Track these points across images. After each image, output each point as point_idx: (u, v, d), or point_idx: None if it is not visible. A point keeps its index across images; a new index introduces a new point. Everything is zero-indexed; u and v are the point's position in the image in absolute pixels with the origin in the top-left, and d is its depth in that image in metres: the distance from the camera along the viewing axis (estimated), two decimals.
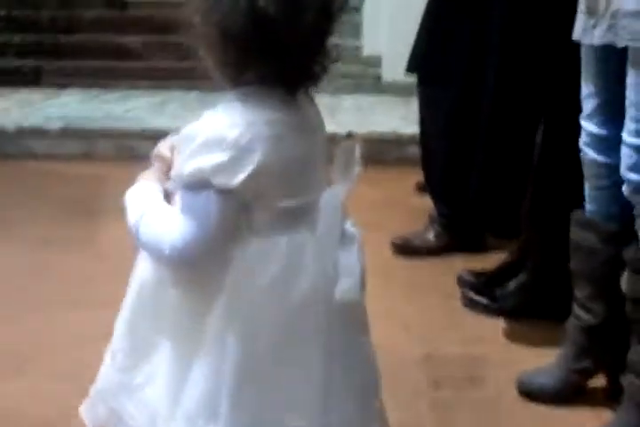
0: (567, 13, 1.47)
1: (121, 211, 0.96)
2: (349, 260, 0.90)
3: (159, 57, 4.88)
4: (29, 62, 4.80)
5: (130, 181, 0.99)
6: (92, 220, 2.55)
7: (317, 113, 0.96)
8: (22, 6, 5.33)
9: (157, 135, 3.52)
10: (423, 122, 2.28)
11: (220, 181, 0.81)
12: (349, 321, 0.95)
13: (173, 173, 0.87)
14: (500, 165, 1.93)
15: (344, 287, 0.89)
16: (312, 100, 0.94)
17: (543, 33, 1.72)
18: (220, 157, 0.80)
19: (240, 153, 0.81)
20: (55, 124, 3.60)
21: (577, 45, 1.44)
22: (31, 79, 4.72)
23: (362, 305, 0.96)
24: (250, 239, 0.87)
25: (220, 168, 0.81)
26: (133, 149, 3.44)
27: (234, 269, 0.87)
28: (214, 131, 0.83)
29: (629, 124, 1.27)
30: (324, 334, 0.91)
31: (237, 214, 0.85)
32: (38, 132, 3.59)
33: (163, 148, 0.97)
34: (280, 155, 0.84)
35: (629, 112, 1.27)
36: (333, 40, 0.88)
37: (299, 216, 0.89)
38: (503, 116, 1.87)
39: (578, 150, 1.53)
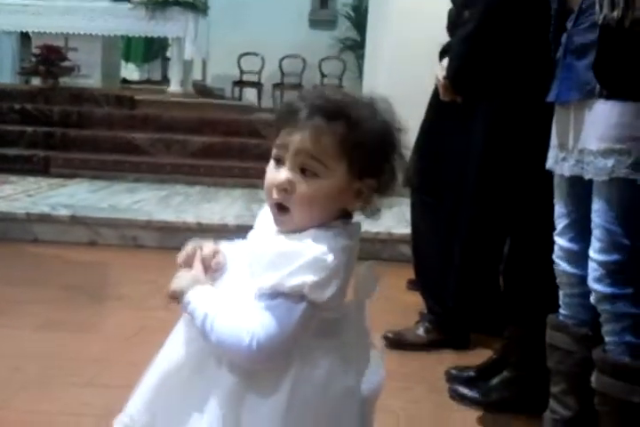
0: (539, 142, 1.67)
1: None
2: (375, 360, 1.05)
3: (164, 153, 5.16)
4: (39, 152, 5.07)
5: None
6: (95, 304, 2.61)
7: None
8: (35, 101, 5.66)
9: (162, 226, 3.73)
10: (417, 227, 2.47)
11: (314, 296, 0.91)
12: (369, 415, 1.07)
13: (264, 283, 0.92)
14: (474, 270, 2.11)
15: (372, 386, 1.02)
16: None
17: (518, 159, 1.90)
18: (320, 276, 0.91)
19: (332, 274, 0.92)
20: (62, 212, 3.75)
21: (548, 172, 1.63)
22: (40, 168, 4.95)
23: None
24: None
25: (317, 285, 0.91)
26: (137, 238, 3.66)
27: (296, 363, 0.96)
28: (316, 253, 0.91)
29: (595, 243, 1.45)
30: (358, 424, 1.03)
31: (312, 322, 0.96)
32: (46, 219, 3.72)
33: (207, 250, 1.02)
34: (347, 276, 0.98)
35: (595, 233, 1.45)
36: None
37: (333, 326, 1.01)
38: (478, 223, 2.04)
39: (541, 260, 1.70)
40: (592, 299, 1.48)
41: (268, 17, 8.49)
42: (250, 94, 8.34)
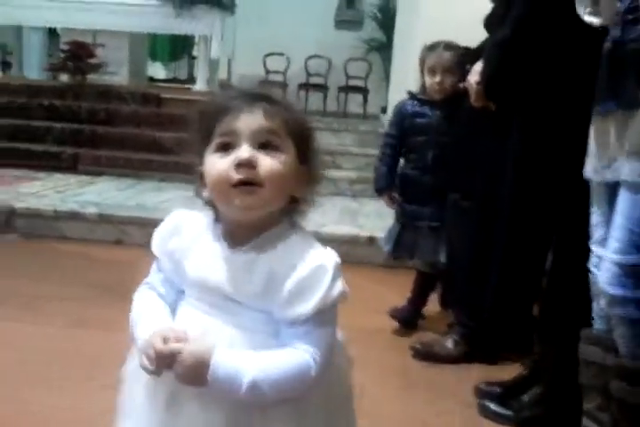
0: (577, 150, 1.63)
1: None
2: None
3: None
4: (67, 149, 5.11)
5: None
6: (120, 302, 2.64)
7: None
8: (64, 97, 5.70)
9: None
10: (451, 234, 2.45)
11: (344, 296, 0.92)
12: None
13: (305, 310, 0.89)
14: (511, 287, 2.06)
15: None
16: None
17: (555, 168, 1.86)
18: (341, 275, 0.92)
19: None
20: (90, 210, 3.78)
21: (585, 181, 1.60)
22: (68, 165, 4.99)
23: None
24: None
25: (345, 286, 0.92)
26: None
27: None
28: (330, 258, 0.91)
29: (613, 243, 1.44)
30: None
31: None
32: (74, 217, 3.75)
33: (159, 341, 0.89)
34: None
35: (614, 234, 1.44)
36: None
37: None
38: (516, 237, 2.00)
39: (585, 273, 1.67)
40: (602, 302, 1.48)
41: (294, 16, 8.50)
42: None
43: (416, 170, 2.62)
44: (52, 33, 7.49)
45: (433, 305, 2.81)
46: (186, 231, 0.99)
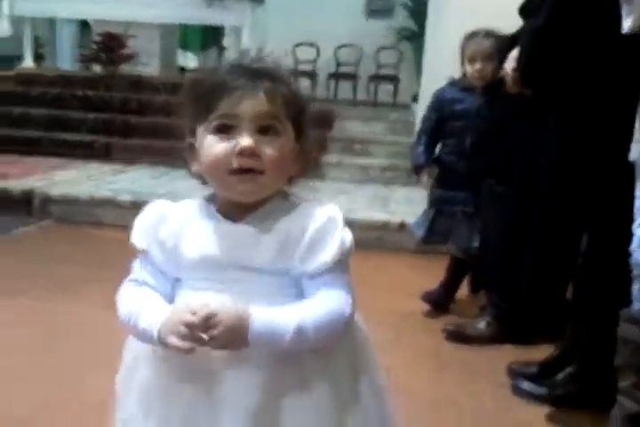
0: (616, 133, 1.65)
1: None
2: None
3: None
4: (101, 138, 5.18)
5: None
6: None
7: None
8: (96, 88, 5.78)
9: None
10: (485, 219, 2.44)
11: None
12: None
13: (326, 259, 0.90)
14: (546, 270, 2.04)
15: None
16: None
17: (594, 152, 1.85)
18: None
19: None
20: (124, 197, 3.84)
21: (625, 161, 1.59)
22: (101, 154, 5.07)
23: None
24: None
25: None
26: None
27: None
28: (339, 211, 0.95)
29: None
30: None
31: None
32: (108, 203, 3.83)
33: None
34: None
35: None
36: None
37: None
38: (552, 221, 1.99)
39: (620, 255, 1.67)
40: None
41: (324, 6, 8.46)
42: (304, 85, 8.34)
43: (452, 155, 2.62)
44: (84, 25, 7.57)
45: (463, 291, 2.80)
46: (171, 219, 0.97)
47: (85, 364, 2.02)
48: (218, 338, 0.84)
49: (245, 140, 0.89)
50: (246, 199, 0.93)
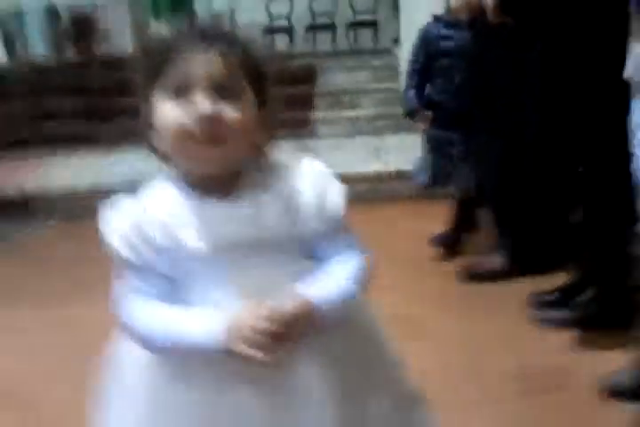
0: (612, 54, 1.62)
1: None
2: None
3: None
4: (84, 124, 5.15)
5: None
6: None
7: None
8: (72, 74, 5.69)
9: None
10: (479, 159, 2.43)
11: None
12: None
13: (335, 212, 0.90)
14: (545, 196, 2.12)
15: None
16: None
17: (584, 71, 1.82)
18: None
19: None
20: (126, 186, 3.76)
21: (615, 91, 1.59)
22: (88, 139, 4.96)
23: None
24: None
25: None
26: None
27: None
28: (322, 164, 0.94)
29: None
30: None
31: None
32: (111, 195, 3.77)
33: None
34: None
35: None
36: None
37: None
38: (544, 153, 2.02)
39: (621, 175, 1.67)
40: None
41: None
42: (282, 41, 8.16)
43: (443, 94, 2.57)
44: (54, 14, 7.41)
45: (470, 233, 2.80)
46: (151, 214, 0.88)
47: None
48: (298, 335, 0.83)
49: (203, 105, 0.82)
50: (213, 169, 0.87)
